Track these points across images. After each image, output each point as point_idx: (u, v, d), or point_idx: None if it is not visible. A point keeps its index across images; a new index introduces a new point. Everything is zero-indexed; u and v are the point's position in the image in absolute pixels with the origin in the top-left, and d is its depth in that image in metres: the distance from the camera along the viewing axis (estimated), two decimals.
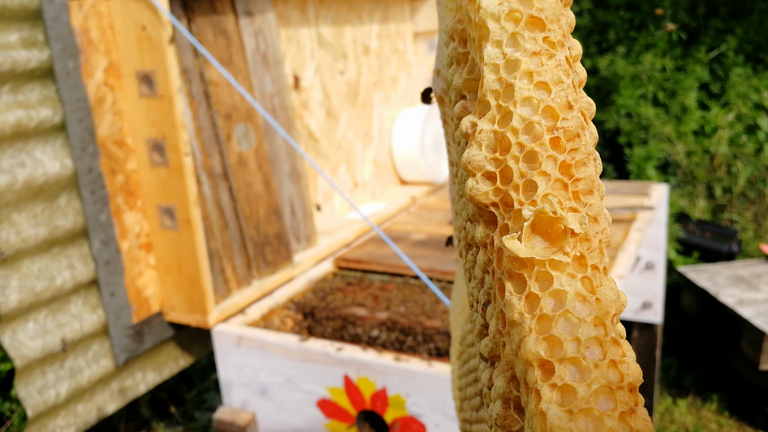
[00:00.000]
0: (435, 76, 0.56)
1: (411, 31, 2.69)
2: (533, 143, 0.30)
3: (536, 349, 0.28)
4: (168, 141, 1.44)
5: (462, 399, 0.58)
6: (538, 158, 0.30)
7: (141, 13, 1.38)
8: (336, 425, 1.43)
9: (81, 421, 1.47)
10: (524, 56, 0.30)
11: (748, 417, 2.39)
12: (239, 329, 1.51)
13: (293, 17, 2.01)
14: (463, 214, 0.38)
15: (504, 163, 0.30)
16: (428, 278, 1.65)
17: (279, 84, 1.82)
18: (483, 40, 0.32)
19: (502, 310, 0.31)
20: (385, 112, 2.54)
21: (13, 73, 1.27)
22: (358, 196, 2.40)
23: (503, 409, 0.31)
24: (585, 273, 0.29)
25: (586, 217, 0.29)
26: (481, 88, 0.32)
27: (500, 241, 0.30)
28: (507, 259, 0.30)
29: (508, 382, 0.31)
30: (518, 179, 0.30)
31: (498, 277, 0.31)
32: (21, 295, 1.31)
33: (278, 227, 1.79)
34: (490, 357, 0.34)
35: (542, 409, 0.27)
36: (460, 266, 0.64)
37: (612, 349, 0.28)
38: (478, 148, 0.31)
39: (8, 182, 1.27)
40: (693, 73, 3.80)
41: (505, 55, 0.31)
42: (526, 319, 0.28)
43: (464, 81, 0.36)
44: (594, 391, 0.27)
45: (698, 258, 3.09)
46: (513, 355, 0.30)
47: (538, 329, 0.28)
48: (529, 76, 0.30)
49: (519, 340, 0.29)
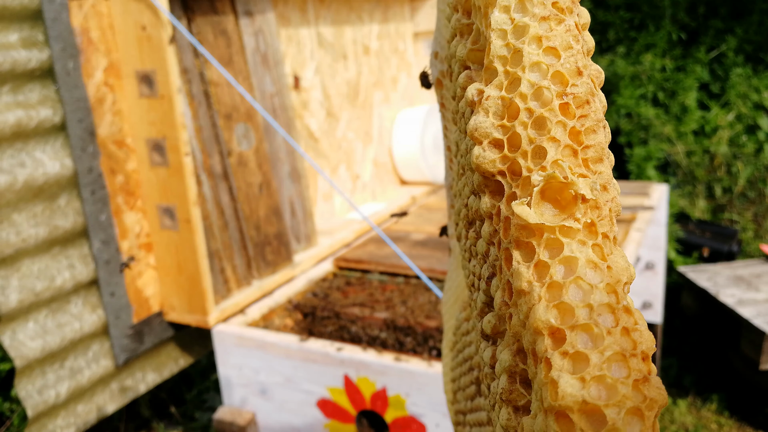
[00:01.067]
0: (432, 59, 0.54)
1: (411, 31, 2.69)
2: (542, 109, 0.29)
3: (546, 317, 0.27)
4: (168, 141, 1.44)
5: (455, 390, 0.56)
6: (547, 124, 0.29)
7: (141, 13, 1.38)
8: (336, 425, 1.43)
9: (81, 421, 1.47)
10: (533, 21, 0.30)
11: (748, 417, 2.39)
12: (239, 329, 1.51)
13: (293, 17, 2.01)
14: (465, 190, 0.37)
15: (512, 130, 0.30)
16: (428, 278, 1.65)
17: (279, 84, 1.82)
18: (490, 7, 0.31)
19: (509, 281, 0.30)
20: (385, 112, 2.54)
21: (13, 73, 1.27)
22: (358, 196, 2.40)
23: (509, 383, 0.30)
24: (596, 240, 0.28)
25: (597, 183, 0.28)
26: (488, 54, 0.31)
27: (508, 208, 0.29)
28: (515, 228, 0.29)
29: (513, 356, 0.30)
30: (527, 146, 0.29)
31: (505, 247, 0.30)
32: (21, 295, 1.31)
33: (278, 227, 1.79)
34: (493, 334, 0.33)
35: (553, 378, 0.26)
36: (453, 257, 0.62)
37: (624, 317, 0.27)
38: (485, 115, 0.30)
39: (8, 182, 1.27)
40: (693, 73, 3.81)
41: (513, 21, 0.30)
42: (535, 287, 0.27)
43: (468, 51, 0.35)
44: (607, 358, 0.26)
45: (698, 258, 3.09)
46: (520, 326, 0.29)
47: (548, 297, 0.27)
48: (538, 41, 0.29)
49: (527, 310, 0.28)
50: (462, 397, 0.53)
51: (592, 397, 0.25)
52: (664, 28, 4.02)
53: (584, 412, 0.25)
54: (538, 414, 0.27)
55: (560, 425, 0.26)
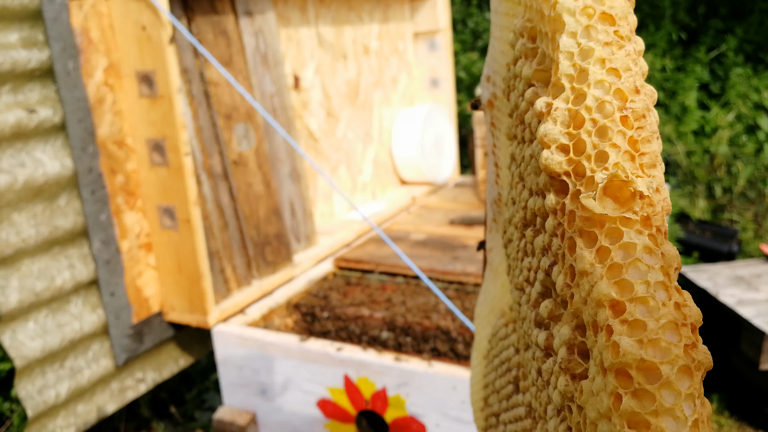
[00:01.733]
0: (484, 82, 0.61)
1: (411, 31, 2.69)
2: (605, 119, 0.34)
3: (608, 291, 0.31)
4: (168, 141, 1.44)
5: (486, 397, 0.63)
6: (609, 133, 0.34)
7: (141, 13, 1.38)
8: (336, 425, 1.43)
9: (81, 421, 1.47)
10: (597, 45, 0.35)
11: (748, 417, 2.39)
12: (239, 329, 1.51)
13: (293, 17, 2.01)
14: (522, 195, 0.45)
15: (577, 137, 0.35)
16: (428, 278, 1.65)
17: (279, 84, 1.82)
18: (557, 33, 0.37)
19: (572, 265, 0.35)
20: (385, 112, 2.54)
21: (13, 73, 1.27)
22: (358, 196, 2.40)
23: (568, 354, 0.36)
24: (651, 231, 0.32)
25: (654, 183, 0.33)
26: (555, 73, 0.36)
27: (573, 203, 0.35)
28: (579, 219, 0.34)
29: (572, 330, 0.35)
30: (591, 150, 0.34)
31: (568, 237, 0.35)
32: (21, 295, 1.31)
33: (278, 227, 1.79)
34: (550, 318, 0.39)
35: (615, 340, 0.30)
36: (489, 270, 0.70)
37: (676, 295, 0.31)
38: (554, 123, 0.36)
39: (8, 182, 1.27)
40: (693, 73, 3.80)
41: (579, 45, 0.36)
42: (597, 268, 0.32)
43: (534, 71, 0.41)
44: (662, 325, 0.30)
45: (698, 258, 3.09)
46: (581, 303, 0.34)
47: (609, 275, 0.32)
48: (601, 62, 0.35)
49: (589, 287, 0.33)
50: (496, 399, 0.60)
51: (649, 356, 0.30)
52: (664, 28, 4.02)
53: (641, 369, 0.30)
54: (597, 376, 0.32)
55: (619, 381, 0.30)
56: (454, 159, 2.74)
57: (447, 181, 2.71)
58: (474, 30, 4.36)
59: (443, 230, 2.09)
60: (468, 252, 1.86)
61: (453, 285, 1.71)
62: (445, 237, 2.02)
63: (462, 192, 2.57)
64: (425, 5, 2.65)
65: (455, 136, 2.77)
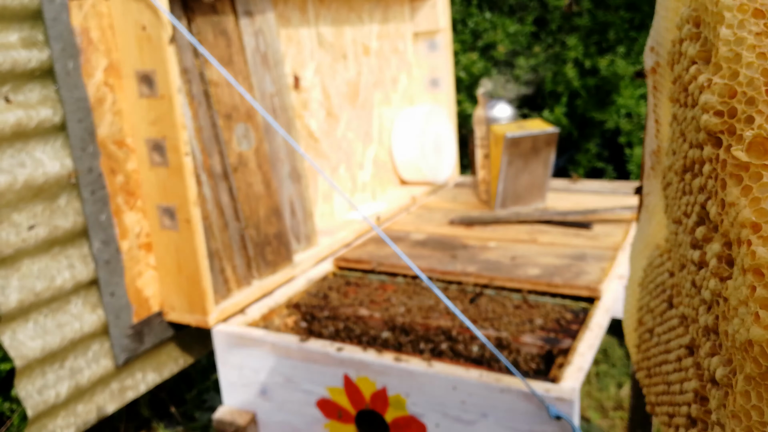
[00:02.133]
0: (648, 51, 0.75)
1: (411, 31, 2.69)
2: (754, 92, 0.45)
3: (749, 216, 0.43)
4: (168, 141, 1.44)
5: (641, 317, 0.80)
6: (756, 102, 0.45)
7: (141, 13, 1.38)
8: (336, 425, 1.43)
9: (81, 421, 1.47)
10: (750, 35, 0.46)
11: None
12: (239, 329, 1.51)
13: (293, 17, 2.01)
14: (683, 147, 0.60)
15: (731, 104, 0.46)
16: (428, 278, 1.65)
17: (279, 84, 1.82)
18: (719, 24, 0.48)
19: (723, 199, 0.47)
20: (385, 112, 2.54)
21: (13, 73, 1.27)
22: (358, 196, 2.40)
23: (717, 262, 0.49)
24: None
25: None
26: (715, 56, 0.48)
27: (726, 153, 0.46)
28: (730, 165, 0.45)
29: (722, 246, 0.49)
30: (741, 115, 0.45)
31: (721, 178, 0.47)
32: (21, 295, 1.31)
33: (278, 227, 1.79)
34: (703, 239, 0.54)
35: (753, 249, 0.42)
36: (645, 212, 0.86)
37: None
38: (712, 94, 0.47)
39: (8, 182, 1.27)
40: None
41: (736, 34, 0.46)
42: (741, 200, 0.44)
43: (697, 52, 0.55)
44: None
45: None
46: (729, 226, 0.46)
47: (750, 205, 0.43)
48: (752, 48, 0.46)
49: (736, 214, 0.44)
50: (650, 317, 0.76)
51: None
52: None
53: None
54: (738, 276, 0.44)
55: (755, 277, 0.42)
56: (454, 159, 2.74)
57: (447, 181, 2.71)
58: (474, 30, 4.36)
59: (443, 230, 2.09)
60: (468, 252, 1.86)
61: (453, 285, 1.71)
62: (445, 237, 2.02)
63: (462, 192, 2.57)
64: (425, 5, 2.65)
65: (455, 136, 2.77)
